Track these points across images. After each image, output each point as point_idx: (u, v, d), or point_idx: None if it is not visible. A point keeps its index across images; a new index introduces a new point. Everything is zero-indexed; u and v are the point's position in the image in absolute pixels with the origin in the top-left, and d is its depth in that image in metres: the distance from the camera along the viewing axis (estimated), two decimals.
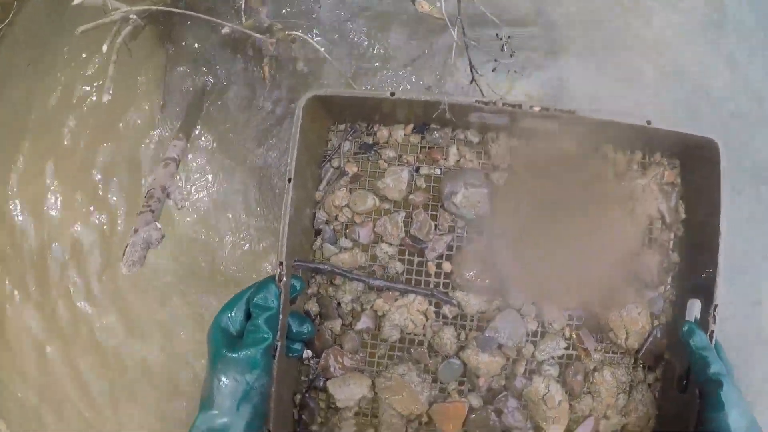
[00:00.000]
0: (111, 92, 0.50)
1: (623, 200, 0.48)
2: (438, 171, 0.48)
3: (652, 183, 0.48)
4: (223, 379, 0.38)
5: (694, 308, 0.46)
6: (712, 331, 0.44)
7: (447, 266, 0.48)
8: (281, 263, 0.42)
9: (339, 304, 0.48)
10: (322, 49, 0.50)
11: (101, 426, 0.61)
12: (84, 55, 0.62)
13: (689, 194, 0.49)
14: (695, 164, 0.48)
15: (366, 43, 0.55)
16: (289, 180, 0.43)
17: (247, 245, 0.59)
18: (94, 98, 0.61)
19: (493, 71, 0.50)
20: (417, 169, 0.48)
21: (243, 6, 0.54)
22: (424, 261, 0.48)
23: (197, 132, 0.58)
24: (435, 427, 0.49)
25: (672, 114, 0.57)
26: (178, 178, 0.56)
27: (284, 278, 0.41)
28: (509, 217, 0.47)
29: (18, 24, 0.65)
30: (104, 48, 0.51)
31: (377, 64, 0.55)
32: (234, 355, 0.38)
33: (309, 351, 0.49)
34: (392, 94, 0.44)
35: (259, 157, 0.56)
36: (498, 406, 0.48)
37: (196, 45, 0.60)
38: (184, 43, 0.60)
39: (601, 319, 0.48)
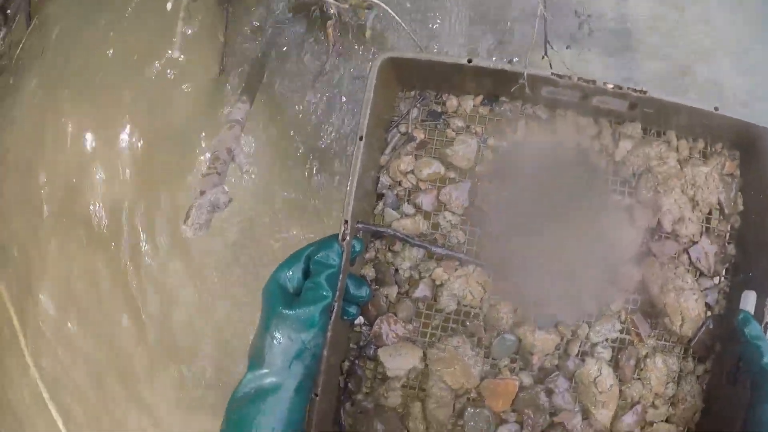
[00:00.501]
0: (181, 49, 0.50)
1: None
2: (505, 143, 0.48)
3: (714, 172, 0.49)
4: (277, 336, 0.37)
5: (749, 300, 0.46)
6: (767, 323, 0.44)
7: None
8: (346, 222, 0.41)
9: (397, 270, 0.48)
10: (397, 18, 0.50)
11: None
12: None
13: (748, 186, 0.50)
14: (755, 156, 0.49)
15: (439, 19, 0.55)
16: (361, 138, 0.42)
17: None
18: (158, 65, 0.60)
19: (567, 48, 0.51)
20: (485, 141, 0.48)
21: None
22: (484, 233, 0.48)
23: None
24: (483, 403, 0.48)
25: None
26: (242, 141, 0.55)
27: (348, 237, 0.41)
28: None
29: None
30: (168, 5, 0.50)
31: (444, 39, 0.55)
32: (291, 312, 0.37)
33: (361, 317, 0.48)
34: (469, 60, 0.44)
35: (317, 122, 0.56)
36: (549, 385, 0.48)
37: (258, 7, 0.59)
38: (245, 4, 0.60)
39: (657, 303, 0.47)
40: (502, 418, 0.49)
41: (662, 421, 0.50)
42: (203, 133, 0.56)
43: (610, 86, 0.44)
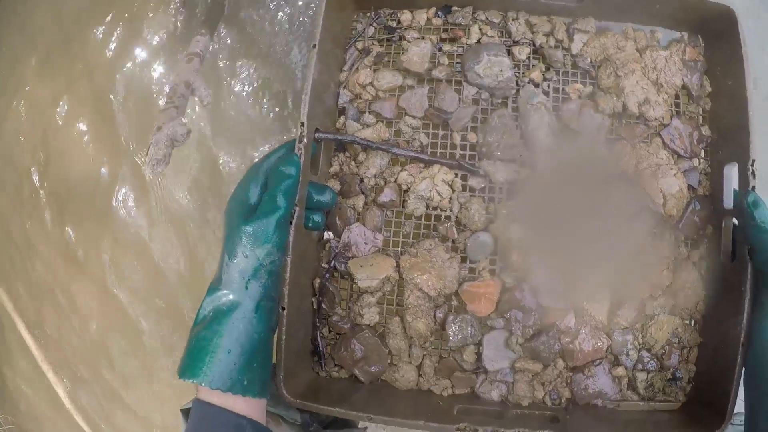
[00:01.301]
0: None
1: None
2: (460, 49, 0.49)
3: (675, 56, 0.48)
4: (234, 254, 0.36)
5: (733, 174, 0.44)
6: (753, 186, 0.42)
7: (472, 137, 0.47)
8: (302, 124, 0.41)
9: (362, 180, 0.47)
10: None
11: None
12: None
13: (714, 70, 0.49)
14: (716, 39, 0.49)
15: None
16: (314, 46, 0.43)
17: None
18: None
19: None
20: (440, 49, 0.49)
21: None
22: (449, 133, 0.47)
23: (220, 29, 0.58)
24: (465, 309, 0.45)
25: None
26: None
27: (305, 140, 0.40)
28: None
29: None
30: None
31: None
32: (246, 227, 0.36)
33: (330, 233, 0.47)
34: None
35: (282, 47, 0.57)
36: (533, 283, 0.45)
37: None
38: None
39: (635, 185, 0.45)
40: (488, 325, 0.46)
41: (664, 313, 0.46)
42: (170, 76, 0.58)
43: None
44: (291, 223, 0.38)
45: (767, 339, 0.38)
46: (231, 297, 0.35)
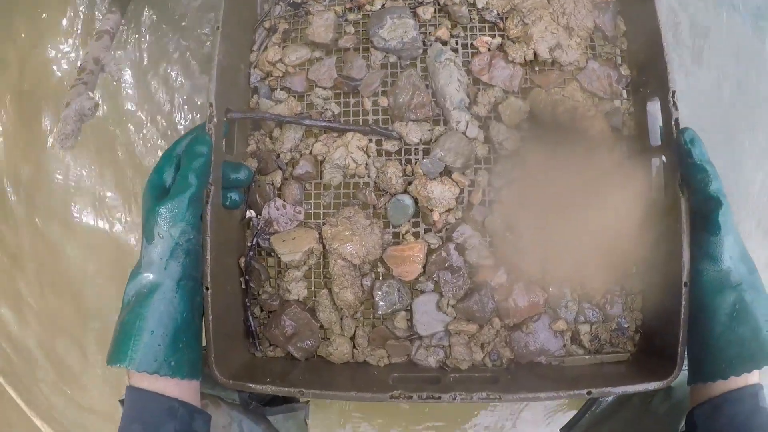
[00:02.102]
0: None
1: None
2: (366, 17, 0.48)
3: None
4: (151, 236, 0.36)
5: (655, 109, 0.43)
6: (677, 119, 0.40)
7: (383, 101, 0.46)
8: (211, 104, 0.41)
9: (278, 155, 0.47)
10: None
11: None
12: None
13: (627, 9, 0.48)
14: None
15: None
16: (217, 28, 0.43)
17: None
18: None
19: None
20: (345, 18, 0.49)
21: None
22: (359, 100, 0.47)
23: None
24: (392, 274, 0.44)
25: None
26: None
27: (214, 119, 0.40)
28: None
29: None
30: None
31: None
32: (160, 207, 0.36)
33: (252, 211, 0.46)
34: None
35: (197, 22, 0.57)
36: (458, 241, 0.44)
37: None
38: None
39: (554, 131, 0.44)
40: (418, 290, 0.45)
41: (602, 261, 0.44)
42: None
43: None
44: (207, 202, 0.38)
45: (706, 281, 0.37)
46: (151, 278, 0.35)
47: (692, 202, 0.38)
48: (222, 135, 0.42)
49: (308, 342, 0.45)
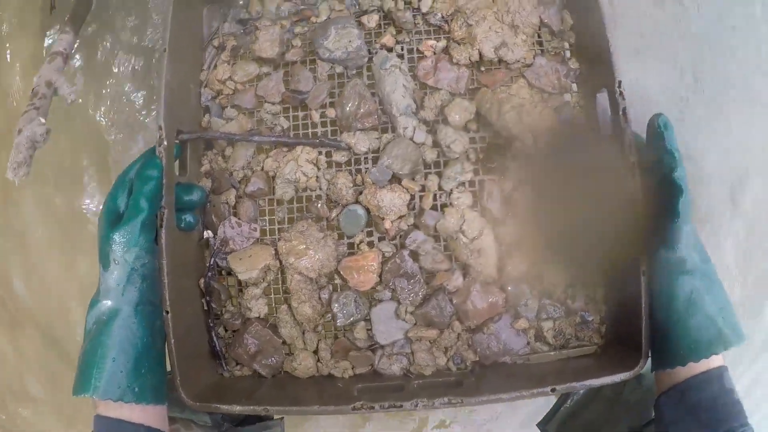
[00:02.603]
0: None
1: None
2: (312, 28, 0.48)
3: None
4: (107, 262, 0.36)
5: (603, 100, 0.43)
6: (625, 108, 0.40)
7: (331, 112, 0.46)
8: (160, 127, 0.41)
9: (231, 174, 0.47)
10: None
11: None
12: None
13: (573, 2, 0.47)
14: None
15: None
16: (164, 50, 0.43)
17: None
18: None
19: None
20: (292, 30, 0.49)
21: None
22: (308, 113, 0.47)
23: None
24: (348, 286, 0.44)
25: None
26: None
27: (164, 142, 0.41)
28: None
29: None
30: None
31: None
32: (113, 234, 0.36)
33: (209, 231, 0.47)
34: None
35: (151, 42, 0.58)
36: (412, 248, 0.44)
37: None
38: None
39: (502, 131, 0.44)
40: (376, 299, 0.44)
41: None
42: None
43: None
44: (161, 226, 0.39)
45: (663, 267, 0.37)
46: (109, 305, 0.36)
47: (654, 188, 0.38)
48: (173, 157, 0.42)
49: (272, 359, 0.45)
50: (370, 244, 0.45)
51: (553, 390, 0.39)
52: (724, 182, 0.60)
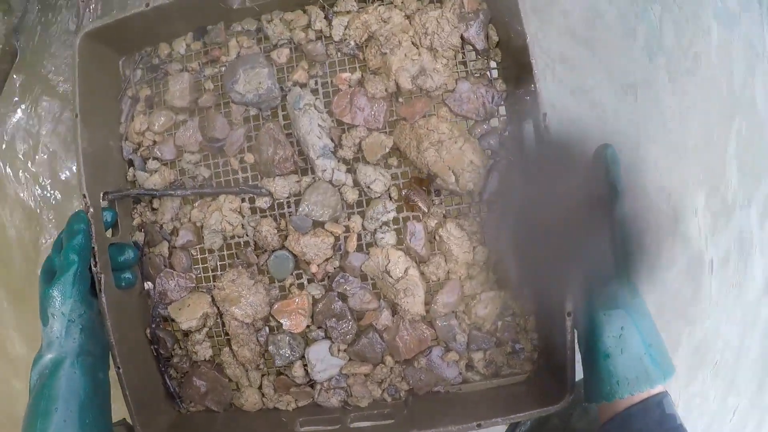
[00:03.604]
0: None
1: None
2: (223, 69, 0.47)
3: (449, 13, 0.44)
4: (46, 318, 0.38)
5: (529, 130, 0.41)
6: (549, 141, 0.38)
7: (250, 158, 0.46)
8: (84, 195, 0.42)
9: (161, 227, 0.47)
10: None
11: None
12: None
13: (499, 17, 0.44)
14: None
15: None
16: (76, 116, 0.43)
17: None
18: None
19: None
20: (203, 74, 0.47)
21: None
22: (227, 159, 0.46)
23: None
24: (282, 328, 0.45)
25: None
26: None
27: (90, 209, 0.41)
28: None
29: None
30: None
31: None
32: (49, 289, 0.38)
33: (149, 283, 0.48)
34: (147, 5, 0.43)
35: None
36: (339, 290, 0.44)
37: None
38: None
39: (422, 167, 0.43)
40: (309, 338, 0.46)
41: (488, 290, 0.44)
42: None
43: None
44: (101, 290, 0.40)
45: (595, 302, 0.37)
46: (51, 357, 0.38)
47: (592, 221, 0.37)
48: (102, 221, 0.43)
49: (222, 397, 0.47)
50: (300, 286, 0.46)
51: (478, 425, 0.40)
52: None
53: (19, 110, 0.62)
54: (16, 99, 0.62)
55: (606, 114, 0.57)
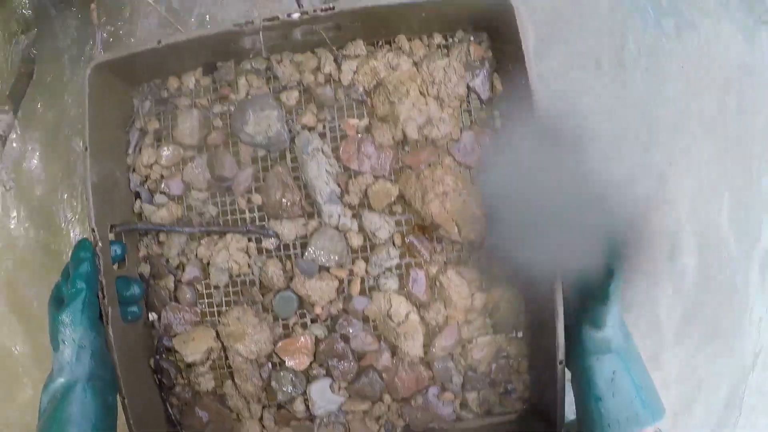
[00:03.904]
0: None
1: None
2: (232, 107, 0.47)
3: (455, 62, 0.44)
4: (57, 344, 0.39)
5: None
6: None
7: (257, 198, 0.46)
8: (93, 230, 0.42)
9: (167, 260, 0.48)
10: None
11: None
12: None
13: (503, 65, 0.45)
14: (498, 33, 0.44)
15: None
16: (86, 149, 0.43)
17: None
18: None
19: None
20: (212, 110, 0.47)
21: None
22: (234, 198, 0.47)
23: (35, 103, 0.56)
24: (286, 365, 0.47)
25: None
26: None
27: (99, 243, 0.42)
28: None
29: None
30: None
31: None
32: (59, 316, 0.39)
33: (154, 314, 0.49)
34: (159, 42, 0.43)
35: None
36: (342, 332, 0.46)
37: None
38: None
39: (425, 217, 0.44)
40: (311, 375, 0.47)
41: (484, 334, 0.46)
42: None
43: (296, 15, 0.42)
44: (107, 323, 0.41)
45: (588, 346, 0.39)
46: (62, 382, 0.39)
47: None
48: (112, 252, 0.43)
49: (223, 427, 0.49)
50: (304, 325, 0.47)
51: None
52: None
53: None
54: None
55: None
